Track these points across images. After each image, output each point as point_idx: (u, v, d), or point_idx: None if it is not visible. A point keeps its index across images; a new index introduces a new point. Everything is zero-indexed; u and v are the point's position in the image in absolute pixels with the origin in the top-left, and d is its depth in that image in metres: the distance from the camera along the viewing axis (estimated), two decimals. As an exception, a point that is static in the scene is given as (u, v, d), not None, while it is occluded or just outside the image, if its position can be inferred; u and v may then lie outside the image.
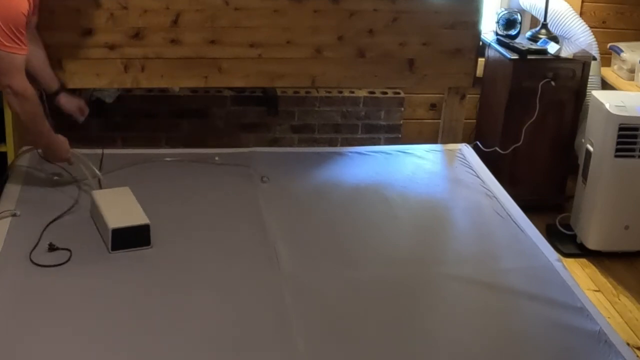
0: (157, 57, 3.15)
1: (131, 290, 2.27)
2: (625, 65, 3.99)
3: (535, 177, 3.94)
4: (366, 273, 2.46)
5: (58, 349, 2.02)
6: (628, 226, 3.57)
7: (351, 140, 4.00)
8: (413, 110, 4.21)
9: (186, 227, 2.63)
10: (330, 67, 3.30)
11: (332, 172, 3.15)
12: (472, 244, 2.72)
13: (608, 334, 2.21)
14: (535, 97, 3.71)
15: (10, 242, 2.45)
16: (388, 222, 2.80)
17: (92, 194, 2.66)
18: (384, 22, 3.27)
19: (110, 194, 2.67)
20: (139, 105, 3.79)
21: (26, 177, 2.87)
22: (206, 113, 3.86)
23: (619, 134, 3.42)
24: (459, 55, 3.38)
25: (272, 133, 3.95)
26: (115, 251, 2.44)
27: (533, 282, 2.45)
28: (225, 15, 3.15)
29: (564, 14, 3.90)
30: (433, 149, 3.40)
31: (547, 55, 3.74)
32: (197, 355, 2.04)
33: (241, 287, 2.33)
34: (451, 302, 2.37)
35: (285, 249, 2.53)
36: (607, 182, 3.51)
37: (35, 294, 2.23)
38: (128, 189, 2.67)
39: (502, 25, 3.90)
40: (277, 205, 2.82)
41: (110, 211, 2.52)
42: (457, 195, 3.03)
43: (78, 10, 3.03)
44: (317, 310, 2.25)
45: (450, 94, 3.50)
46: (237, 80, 3.29)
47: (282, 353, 2.07)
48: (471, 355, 2.13)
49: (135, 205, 2.56)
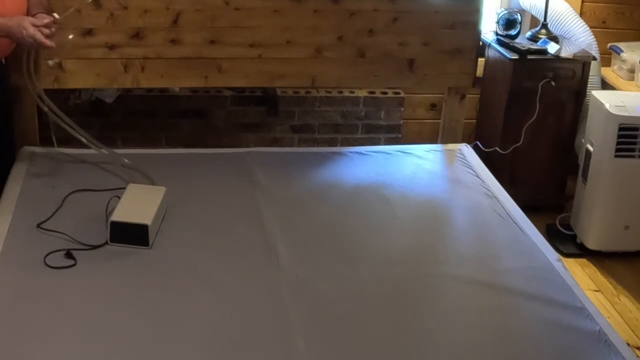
0: (157, 57, 3.15)
1: (131, 290, 2.28)
2: (625, 65, 3.99)
3: (535, 177, 3.94)
4: (366, 273, 2.46)
5: (58, 349, 2.02)
6: (628, 226, 3.57)
7: (351, 140, 4.00)
8: (413, 110, 4.21)
9: (186, 227, 2.63)
10: (330, 67, 3.30)
11: (332, 172, 3.15)
12: (472, 244, 2.72)
13: (608, 334, 2.21)
14: (535, 97, 3.71)
15: (10, 241, 2.45)
16: (388, 222, 2.80)
17: (128, 186, 2.69)
18: (384, 22, 3.27)
19: (141, 189, 2.70)
20: (139, 105, 3.79)
21: (26, 176, 2.88)
22: (206, 113, 3.86)
23: (619, 134, 3.42)
24: (459, 55, 3.38)
25: (272, 133, 3.95)
26: (113, 243, 2.46)
27: (533, 282, 2.45)
28: (225, 15, 3.15)
29: (564, 14, 3.90)
30: (433, 149, 3.40)
31: (547, 55, 3.74)
32: (197, 355, 2.04)
33: (241, 287, 2.33)
34: (451, 302, 2.37)
35: (285, 249, 2.53)
36: (607, 182, 3.51)
37: (36, 294, 2.23)
38: (163, 189, 2.68)
39: (502, 25, 3.90)
40: (277, 205, 2.82)
41: (124, 204, 2.55)
42: (457, 195, 3.03)
43: (78, 10, 3.02)
44: (317, 310, 2.25)
45: (450, 94, 3.50)
46: (237, 80, 3.29)
47: (282, 353, 2.07)
48: (471, 355, 2.13)
49: (153, 206, 2.56)
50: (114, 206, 2.56)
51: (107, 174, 2.92)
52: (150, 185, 2.81)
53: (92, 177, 2.90)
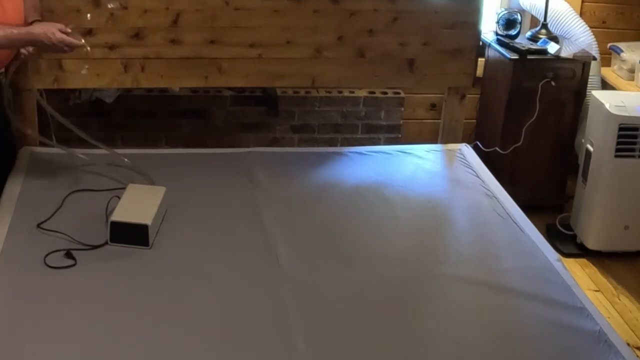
0: (157, 57, 3.15)
1: (131, 290, 2.28)
2: (625, 65, 3.99)
3: (535, 177, 3.94)
4: (366, 273, 2.46)
5: (58, 348, 2.02)
6: (628, 226, 3.57)
7: (351, 140, 4.00)
8: (413, 110, 4.21)
9: (186, 227, 2.63)
10: (330, 67, 3.30)
11: (332, 172, 3.15)
12: (472, 244, 2.72)
13: (608, 334, 2.21)
14: (535, 97, 3.71)
15: (10, 241, 2.45)
16: (388, 222, 2.80)
17: (128, 186, 2.69)
18: (384, 22, 3.27)
19: (141, 189, 2.70)
20: (139, 105, 3.79)
21: (27, 176, 2.88)
22: (206, 113, 3.86)
23: (619, 134, 3.43)
24: (459, 55, 3.38)
25: (272, 133, 3.95)
26: (113, 243, 2.46)
27: (533, 282, 2.45)
28: (225, 15, 3.15)
29: (564, 14, 3.90)
30: (433, 149, 3.40)
31: (547, 55, 3.74)
32: (197, 355, 2.04)
33: (241, 287, 2.33)
34: (451, 302, 2.37)
35: (285, 249, 2.53)
36: (607, 182, 3.51)
37: (36, 294, 2.23)
38: (163, 189, 2.68)
39: (502, 25, 3.90)
40: (277, 205, 2.82)
41: (124, 204, 2.55)
42: (457, 195, 3.03)
43: (78, 11, 3.03)
44: (317, 310, 2.25)
45: (450, 94, 3.50)
46: (237, 80, 3.29)
47: (282, 353, 2.07)
48: (471, 355, 2.13)
49: (153, 206, 2.56)
50: (114, 206, 2.56)
51: (107, 174, 2.92)
52: (150, 185, 2.81)
53: (92, 177, 2.90)
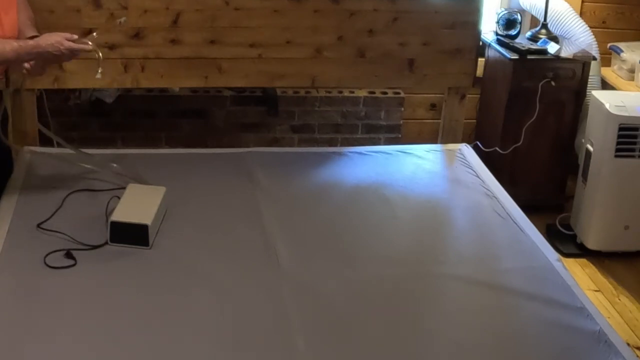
0: (157, 57, 3.15)
1: (131, 290, 2.27)
2: (625, 65, 3.99)
3: (535, 177, 3.94)
4: (366, 273, 2.46)
5: (58, 348, 2.02)
6: (628, 226, 3.57)
7: (351, 140, 4.00)
8: (413, 110, 4.21)
9: (186, 227, 2.62)
10: (330, 67, 3.30)
11: (332, 172, 3.15)
12: (472, 244, 2.72)
13: (608, 334, 2.21)
14: (535, 97, 3.71)
15: (10, 241, 2.45)
16: (388, 222, 2.80)
17: (128, 186, 2.69)
18: (384, 22, 3.27)
19: (141, 189, 2.70)
20: (139, 105, 3.79)
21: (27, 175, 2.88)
22: (206, 113, 3.87)
23: (619, 134, 3.43)
24: (459, 55, 3.38)
25: (272, 133, 3.95)
26: (113, 243, 2.46)
27: (533, 282, 2.45)
28: (225, 15, 3.15)
29: (564, 14, 3.90)
30: (433, 149, 3.40)
31: (547, 55, 3.75)
32: (197, 355, 2.04)
33: (241, 287, 2.33)
34: (451, 302, 2.37)
35: (285, 249, 2.53)
36: (607, 182, 3.51)
37: (36, 294, 2.22)
38: (163, 189, 2.68)
39: (502, 25, 3.90)
40: (277, 205, 2.81)
41: (124, 204, 2.55)
42: (457, 195, 3.03)
43: (78, 11, 3.03)
44: (317, 310, 2.25)
45: (450, 94, 3.50)
46: (237, 80, 3.29)
47: (282, 353, 2.07)
48: (471, 355, 2.13)
49: (153, 206, 2.56)
50: (114, 206, 2.56)
51: (107, 174, 2.91)
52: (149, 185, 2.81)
53: (92, 177, 2.90)
